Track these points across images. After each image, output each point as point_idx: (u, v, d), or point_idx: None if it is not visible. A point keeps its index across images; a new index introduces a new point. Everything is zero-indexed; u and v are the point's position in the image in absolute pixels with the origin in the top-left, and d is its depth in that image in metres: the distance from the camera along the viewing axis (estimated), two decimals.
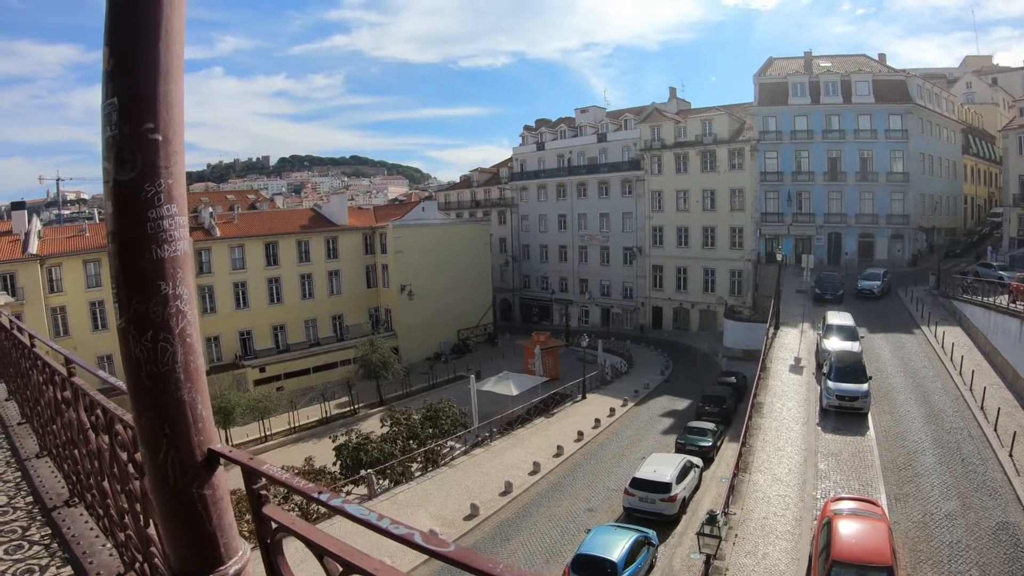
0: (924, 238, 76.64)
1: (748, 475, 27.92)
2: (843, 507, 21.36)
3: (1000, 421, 31.82)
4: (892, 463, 28.67)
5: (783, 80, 75.83)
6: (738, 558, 21.82)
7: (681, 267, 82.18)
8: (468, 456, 39.09)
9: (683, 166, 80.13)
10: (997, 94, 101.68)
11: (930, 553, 22.02)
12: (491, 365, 66.88)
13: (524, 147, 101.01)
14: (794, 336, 48.61)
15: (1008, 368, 38.57)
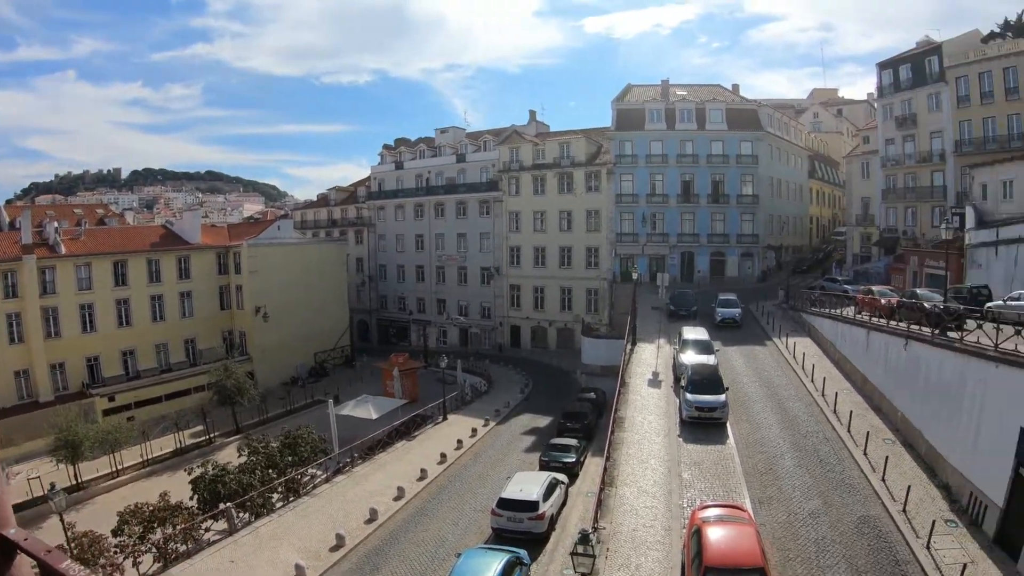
0: (773, 256, 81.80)
1: (614, 489, 28.17)
2: (710, 514, 21.67)
3: (852, 423, 33.75)
4: (753, 468, 29.74)
5: (640, 106, 78.85)
6: (612, 572, 21.89)
7: (538, 286, 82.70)
8: (330, 484, 37.78)
9: (541, 188, 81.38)
10: (842, 124, 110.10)
11: (798, 551, 22.95)
12: (349, 388, 64.95)
13: (383, 166, 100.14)
14: (651, 351, 49.51)
15: (857, 374, 40.72)
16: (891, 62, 69.19)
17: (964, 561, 21.19)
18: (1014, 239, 43.55)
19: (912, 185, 66.86)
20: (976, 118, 58.59)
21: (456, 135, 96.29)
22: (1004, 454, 23.16)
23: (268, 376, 68.78)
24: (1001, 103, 56.28)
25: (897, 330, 35.11)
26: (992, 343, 25.37)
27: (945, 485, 27.13)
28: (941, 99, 62.05)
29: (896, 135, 68.04)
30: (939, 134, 62.76)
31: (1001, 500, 23.02)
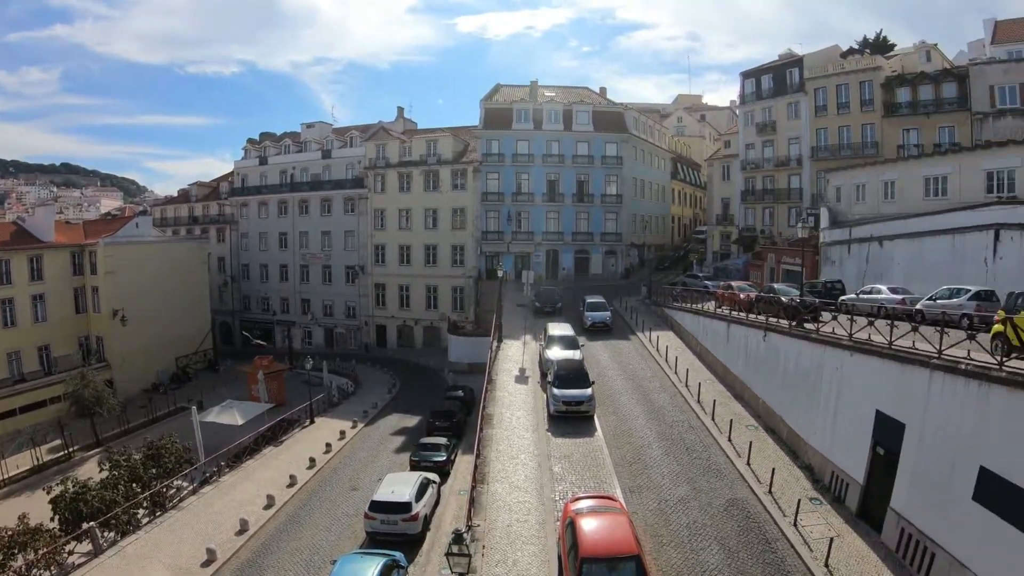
0: (636, 254, 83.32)
1: (487, 486, 27.91)
2: (583, 506, 21.83)
3: (716, 411, 34.54)
4: (623, 459, 30.12)
5: (509, 106, 78.83)
6: (490, 568, 21.70)
7: (404, 285, 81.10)
8: (197, 496, 35.21)
9: (407, 185, 79.94)
10: (705, 128, 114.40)
11: (671, 536, 23.43)
12: (214, 393, 60.95)
13: (246, 161, 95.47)
14: (517, 348, 49.23)
15: (719, 365, 41.83)
16: (754, 72, 72.63)
17: (830, 535, 21.89)
18: (866, 238, 46.34)
19: (770, 187, 70.47)
20: (832, 126, 62.80)
21: (323, 130, 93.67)
22: (862, 435, 24.23)
23: (128, 384, 64.56)
24: (856, 113, 60.63)
25: (756, 323, 36.28)
26: (847, 333, 26.44)
27: (808, 466, 28.06)
28: (800, 108, 65.83)
29: (756, 140, 71.49)
30: (797, 140, 66.62)
31: (861, 477, 23.96)
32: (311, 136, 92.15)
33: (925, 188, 45.29)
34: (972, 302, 27.42)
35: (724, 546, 22.35)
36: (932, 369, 20.49)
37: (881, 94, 58.32)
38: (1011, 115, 49.54)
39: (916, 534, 20.17)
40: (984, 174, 40.94)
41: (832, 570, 20.36)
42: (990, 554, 17.16)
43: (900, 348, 22.67)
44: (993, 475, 17.41)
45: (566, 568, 19.56)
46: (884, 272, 43.22)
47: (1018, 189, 38.70)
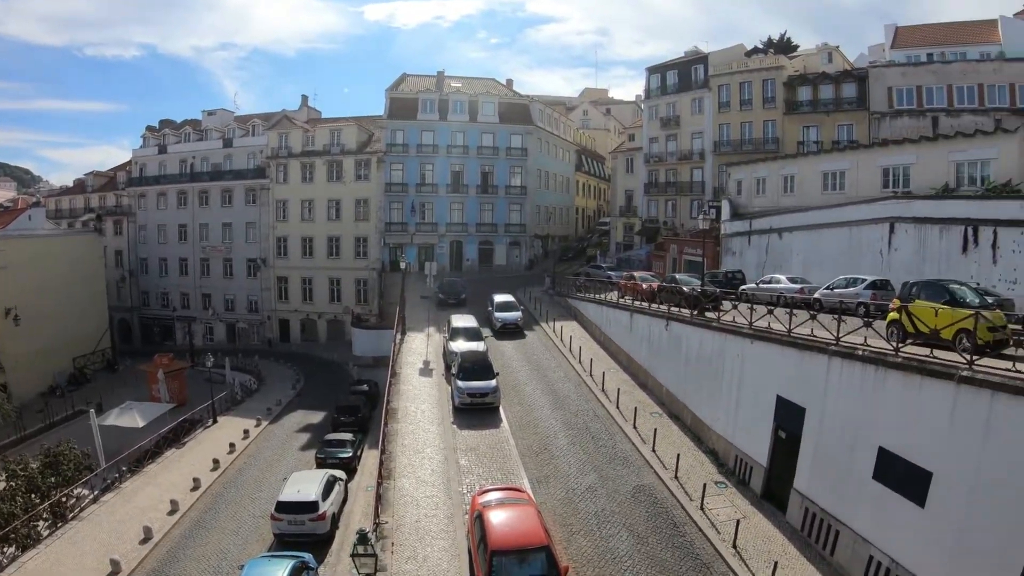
0: (540, 244, 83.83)
1: (393, 481, 27.39)
2: (491, 498, 21.95)
3: (621, 400, 34.74)
4: (529, 449, 30.14)
5: (414, 96, 77.71)
6: (400, 565, 21.40)
7: (307, 278, 78.81)
8: (99, 504, 33.09)
9: (310, 175, 77.74)
10: (610, 122, 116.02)
11: (580, 525, 23.59)
12: (113, 395, 56.97)
13: (145, 149, 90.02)
14: (421, 340, 48.32)
15: (622, 353, 42.21)
16: (660, 67, 73.97)
17: (737, 517, 22.45)
18: (765, 229, 47.94)
19: (673, 180, 71.97)
20: (735, 122, 64.63)
21: (224, 118, 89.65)
22: (764, 419, 24.96)
23: (23, 387, 59.42)
24: (759, 110, 62.60)
25: (659, 312, 36.88)
26: (747, 322, 27.19)
27: (712, 451, 28.66)
28: (704, 104, 67.46)
29: (660, 134, 72.83)
30: (700, 135, 68.26)
31: (765, 460, 24.71)
32: (212, 124, 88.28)
33: (823, 183, 47.08)
34: (868, 291, 28.62)
35: (633, 532, 22.60)
36: (830, 355, 21.22)
37: (783, 92, 60.40)
38: (907, 115, 52.29)
39: (820, 513, 20.85)
40: (880, 170, 42.91)
41: (740, 551, 20.80)
42: (891, 528, 17.92)
43: (799, 336, 23.41)
44: (891, 454, 18.17)
45: (476, 562, 19.49)
46: (783, 262, 44.88)
47: (913, 185, 40.66)
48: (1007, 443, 14.87)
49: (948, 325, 18.53)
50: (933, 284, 21.79)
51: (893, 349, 19.08)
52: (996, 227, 30.83)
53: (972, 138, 38.81)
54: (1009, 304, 24.76)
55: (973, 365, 16.28)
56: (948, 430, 16.43)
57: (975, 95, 50.20)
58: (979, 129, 40.97)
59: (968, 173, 38.18)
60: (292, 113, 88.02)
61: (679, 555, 21.14)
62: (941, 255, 33.40)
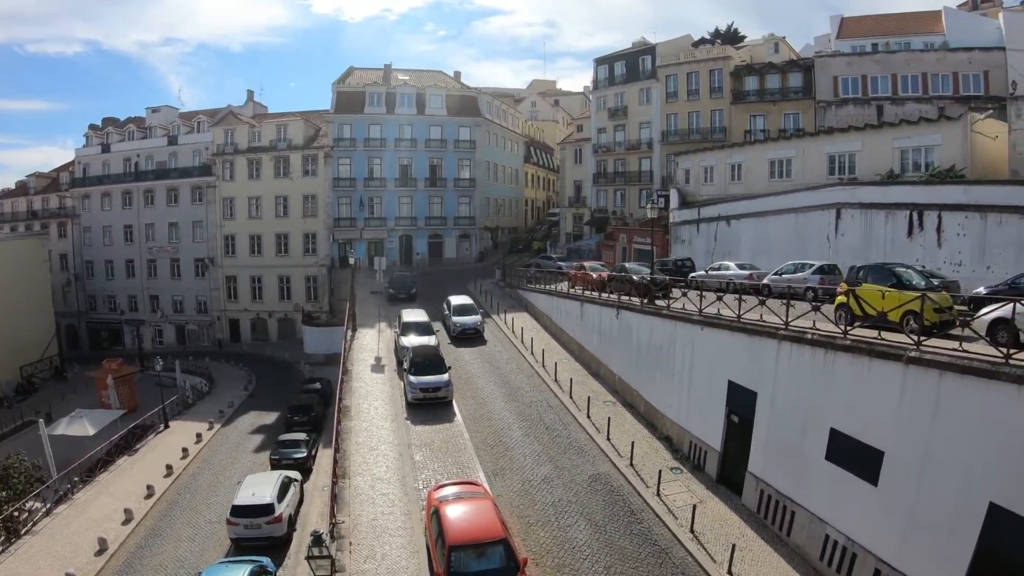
0: (489, 237, 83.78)
1: (348, 480, 27.18)
2: (447, 493, 21.89)
3: (574, 389, 34.87)
4: (483, 443, 30.07)
5: (361, 89, 76.88)
6: (358, 565, 21.02)
7: (256, 276, 77.34)
8: (52, 516, 31.97)
9: (256, 172, 76.24)
10: (558, 113, 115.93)
11: (537, 516, 23.59)
12: (62, 403, 55.26)
13: (88, 149, 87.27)
14: (372, 336, 47.76)
15: (574, 343, 42.30)
16: (608, 58, 74.39)
17: (693, 502, 22.62)
18: (714, 217, 48.53)
19: (622, 170, 72.55)
20: (683, 112, 65.35)
21: (169, 115, 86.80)
22: (716, 405, 25.23)
23: None
24: (706, 100, 63.41)
25: (609, 301, 37.05)
26: (697, 308, 27.39)
27: (666, 437, 28.86)
28: (652, 94, 68.07)
29: (608, 124, 73.25)
30: (648, 125, 68.83)
31: (718, 445, 24.99)
32: (156, 121, 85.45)
33: (771, 170, 47.95)
34: (816, 276, 29.21)
35: (591, 521, 22.69)
36: (780, 340, 21.48)
37: (730, 82, 61.29)
38: (853, 104, 53.67)
39: (775, 495, 21.18)
40: (826, 157, 43.86)
41: (698, 535, 21.00)
42: (845, 508, 18.25)
43: (749, 321, 23.69)
44: (843, 435, 18.49)
45: (435, 557, 19.41)
46: (732, 250, 45.51)
47: (858, 171, 41.66)
48: (955, 421, 15.18)
49: (895, 307, 18.82)
50: (880, 268, 22.22)
51: (842, 332, 19.34)
52: (941, 211, 31.73)
53: (916, 125, 39.82)
54: (954, 286, 25.42)
55: (921, 346, 16.55)
56: (898, 410, 16.73)
57: (919, 84, 51.71)
58: (923, 117, 42.13)
59: (912, 159, 39.25)
60: (238, 109, 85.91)
61: (637, 542, 21.27)
62: (887, 239, 34.25)
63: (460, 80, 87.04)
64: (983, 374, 14.55)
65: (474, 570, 18.22)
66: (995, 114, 39.00)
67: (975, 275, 28.74)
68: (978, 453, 14.54)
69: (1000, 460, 14.06)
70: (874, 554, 17.02)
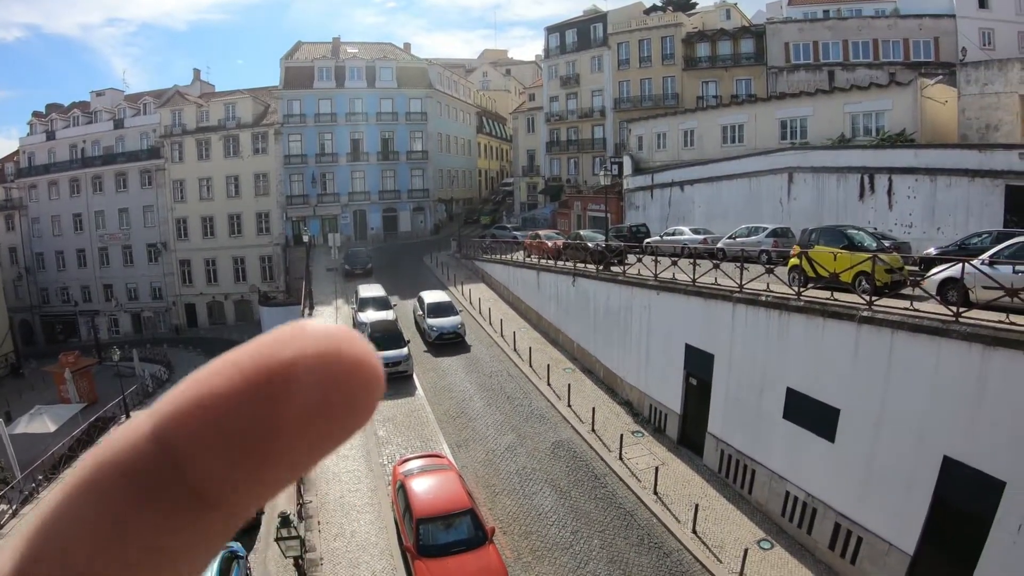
0: (444, 208, 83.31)
1: None
2: (412, 467, 21.87)
3: (533, 358, 34.87)
4: (446, 415, 30.11)
5: (310, 64, 74.95)
6: (328, 543, 21.12)
7: (210, 259, 75.38)
8: (18, 518, 31.18)
9: (206, 152, 73.87)
10: (510, 82, 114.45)
11: (503, 485, 23.80)
12: (21, 401, 53.28)
13: (33, 137, 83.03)
14: (330, 313, 47.48)
15: (532, 312, 42.35)
16: (559, 27, 73.75)
17: (656, 464, 22.88)
18: (667, 183, 48.69)
19: (575, 138, 72.33)
20: (635, 79, 65.22)
21: (114, 98, 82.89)
22: (674, 368, 25.48)
23: None
24: (658, 67, 63.33)
25: (565, 269, 37.10)
26: (652, 274, 27.49)
27: (627, 402, 29.12)
28: (603, 61, 67.69)
29: (560, 93, 72.82)
30: (600, 92, 68.54)
31: (678, 407, 25.27)
32: (101, 105, 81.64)
33: (723, 136, 48.29)
34: (770, 239, 29.65)
35: (556, 487, 22.87)
36: (735, 302, 21.72)
37: (682, 49, 61.28)
38: (804, 70, 54.00)
39: (735, 454, 21.53)
40: (778, 122, 44.28)
41: (661, 497, 21.30)
42: (802, 463, 18.68)
43: (704, 285, 23.86)
44: (799, 394, 18.80)
45: (403, 531, 19.53)
46: (686, 215, 45.76)
47: (810, 136, 42.10)
48: (907, 378, 15.52)
49: (847, 268, 19.12)
50: (832, 230, 22.55)
51: (795, 294, 19.61)
52: (891, 175, 32.24)
53: (867, 91, 40.35)
54: (905, 247, 25.87)
55: (873, 306, 16.84)
56: (852, 368, 17.05)
57: (870, 50, 52.22)
58: (874, 82, 42.68)
59: (863, 124, 39.79)
60: (184, 89, 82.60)
61: (602, 506, 21.51)
62: (839, 202, 34.71)
63: (410, 52, 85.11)
64: (934, 332, 14.88)
65: (443, 541, 18.28)
66: (945, 80, 39.62)
67: (925, 236, 29.34)
68: (931, 408, 14.91)
69: (952, 415, 14.43)
70: (834, 508, 17.40)
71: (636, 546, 19.60)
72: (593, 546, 19.70)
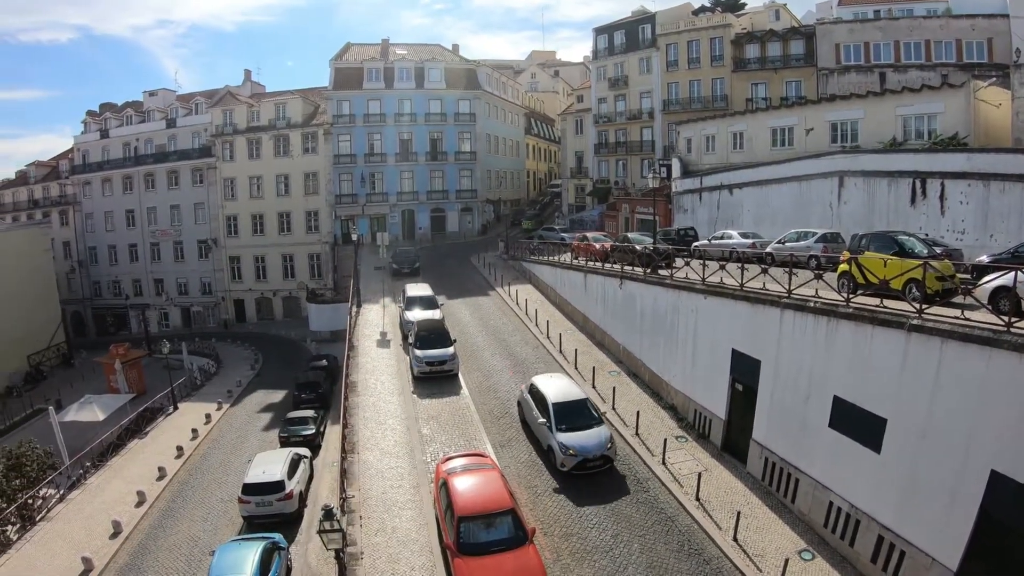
0: (492, 209, 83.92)
1: (357, 455, 27.23)
2: (455, 465, 22.05)
3: (579, 359, 35.19)
4: (490, 414, 30.16)
5: (359, 65, 76.12)
6: (369, 538, 21.24)
7: (259, 256, 77.31)
8: (65, 502, 32.05)
9: (256, 151, 75.84)
10: (558, 84, 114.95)
11: (545, 486, 23.57)
12: (71, 390, 55.41)
13: (87, 135, 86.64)
14: (377, 312, 47.84)
15: (578, 314, 42.35)
16: (607, 28, 73.54)
17: (698, 470, 22.84)
18: (716, 186, 48.25)
19: (623, 140, 72.22)
20: (683, 80, 64.82)
21: (166, 98, 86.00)
22: (720, 373, 25.32)
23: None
24: (707, 68, 62.91)
25: (612, 272, 36.98)
26: (700, 278, 27.34)
27: (671, 406, 29.02)
28: (652, 63, 67.39)
29: (609, 94, 72.65)
30: (648, 94, 68.30)
31: (723, 413, 25.13)
32: (154, 105, 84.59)
33: (772, 138, 47.58)
34: (819, 244, 29.18)
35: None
36: (783, 308, 21.49)
37: (731, 50, 60.68)
38: (855, 71, 53.00)
39: (779, 462, 21.37)
40: (829, 125, 43.46)
41: (703, 503, 21.23)
42: (849, 475, 18.42)
43: (752, 290, 23.66)
44: (846, 403, 18.59)
45: (444, 529, 19.59)
46: (734, 218, 45.41)
47: (861, 139, 41.32)
48: (957, 388, 15.22)
49: (897, 275, 18.80)
50: (882, 236, 22.21)
51: (844, 300, 19.39)
52: (943, 179, 31.47)
53: (919, 93, 39.39)
54: (957, 254, 25.26)
55: (923, 314, 16.57)
56: (900, 377, 16.78)
57: (922, 51, 50.89)
58: (926, 84, 41.79)
59: (915, 127, 38.85)
60: (235, 89, 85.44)
61: (644, 510, 21.44)
62: (890, 207, 34.05)
63: (458, 53, 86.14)
64: (985, 342, 14.58)
65: (483, 540, 18.34)
66: (998, 82, 38.52)
67: (978, 243, 28.63)
68: (980, 421, 14.61)
69: (1001, 428, 14.13)
70: (877, 520, 17.18)
71: (676, 552, 19.54)
72: (633, 550, 19.66)
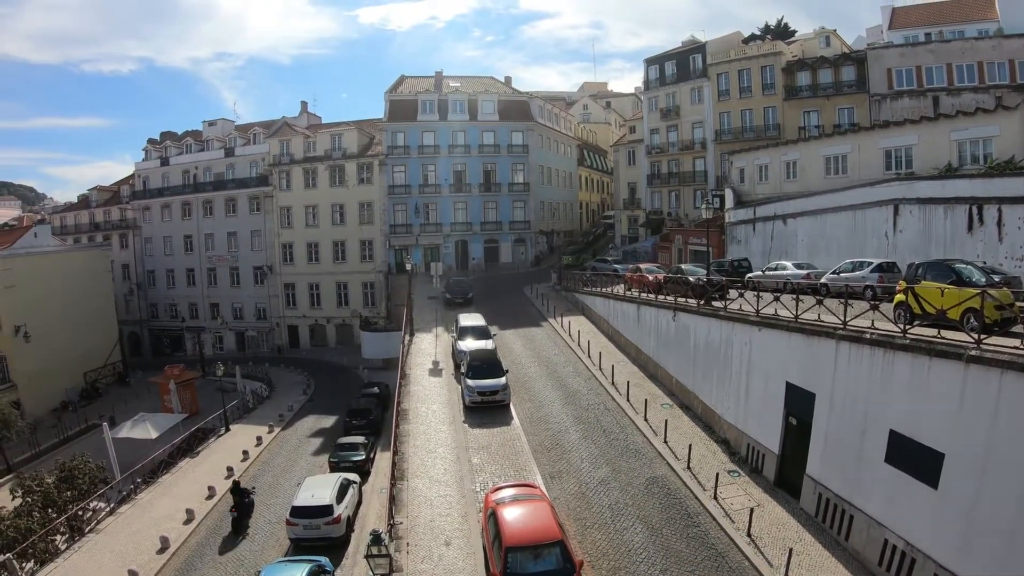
0: (545, 240, 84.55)
1: (406, 482, 27.41)
2: (504, 495, 22.00)
3: (631, 392, 34.94)
4: (540, 445, 30.16)
5: (413, 97, 77.87)
6: (415, 565, 21.33)
7: (313, 283, 79.40)
8: (115, 516, 33.23)
9: (312, 181, 78.28)
10: (610, 115, 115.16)
11: (594, 519, 23.65)
12: (125, 408, 57.49)
13: (147, 162, 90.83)
14: (430, 341, 48.49)
15: (631, 346, 42.23)
16: (657, 58, 73.95)
17: (751, 506, 22.49)
18: (769, 216, 47.76)
19: (675, 171, 72.15)
20: (735, 110, 64.69)
21: (225, 128, 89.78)
22: (774, 406, 24.92)
23: (36, 404, 60.12)
24: (758, 97, 62.72)
25: (666, 303, 36.81)
26: (754, 309, 27.13)
27: (724, 440, 28.69)
28: (703, 93, 67.49)
29: (661, 125, 72.91)
30: (700, 124, 68.31)
31: (776, 447, 24.73)
32: (213, 134, 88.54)
33: (826, 167, 46.99)
34: (875, 274, 28.66)
35: (647, 524, 22.67)
36: (838, 340, 21.13)
37: (782, 78, 60.39)
38: (908, 96, 52.13)
39: (833, 498, 20.87)
40: (882, 152, 42.80)
41: (755, 539, 20.88)
42: (905, 511, 17.89)
43: (806, 321, 23.35)
44: (902, 437, 18.12)
45: (491, 559, 19.54)
46: (789, 248, 44.91)
47: (915, 166, 40.63)
48: (1018, 422, 14.79)
49: (955, 305, 18.35)
50: (939, 264, 21.68)
51: (901, 331, 18.98)
52: (1000, 205, 30.77)
53: (973, 116, 38.66)
54: (1016, 282, 24.44)
55: (981, 344, 16.18)
56: (958, 410, 16.33)
57: (975, 73, 49.82)
58: (980, 107, 40.92)
59: (970, 151, 38.05)
60: (292, 120, 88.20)
61: (694, 545, 21.19)
62: (946, 235, 33.37)
63: (511, 85, 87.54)
64: None
65: (530, 571, 18.33)
66: None
67: None
68: None
69: None
70: (934, 559, 16.65)
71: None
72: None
